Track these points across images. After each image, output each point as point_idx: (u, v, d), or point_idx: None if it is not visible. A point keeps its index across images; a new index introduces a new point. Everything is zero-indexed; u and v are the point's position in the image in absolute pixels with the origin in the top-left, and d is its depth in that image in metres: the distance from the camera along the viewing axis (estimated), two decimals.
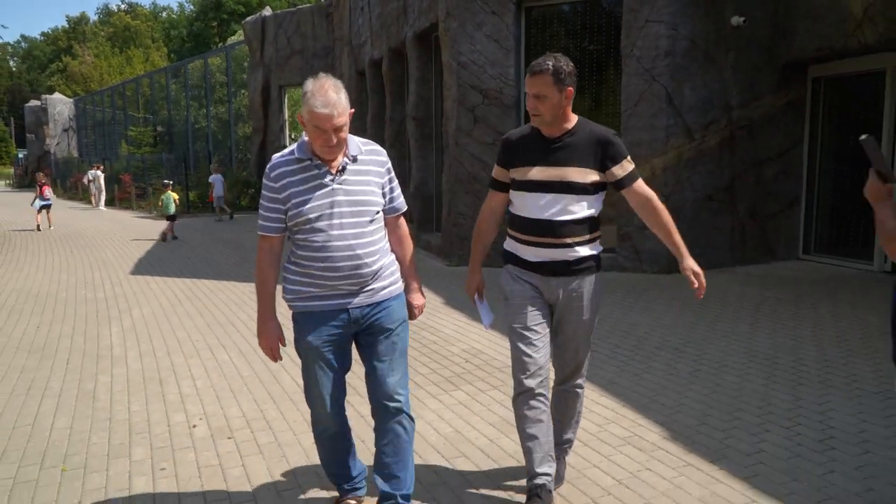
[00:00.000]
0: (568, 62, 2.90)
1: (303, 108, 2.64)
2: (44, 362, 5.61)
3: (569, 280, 2.99)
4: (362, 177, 2.77)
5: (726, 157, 8.56)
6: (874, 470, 3.36)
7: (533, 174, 2.94)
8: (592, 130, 2.97)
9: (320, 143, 2.62)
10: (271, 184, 2.73)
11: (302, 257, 2.73)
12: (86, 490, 3.39)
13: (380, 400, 2.85)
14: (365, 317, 2.80)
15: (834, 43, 7.90)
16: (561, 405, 3.23)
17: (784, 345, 5.49)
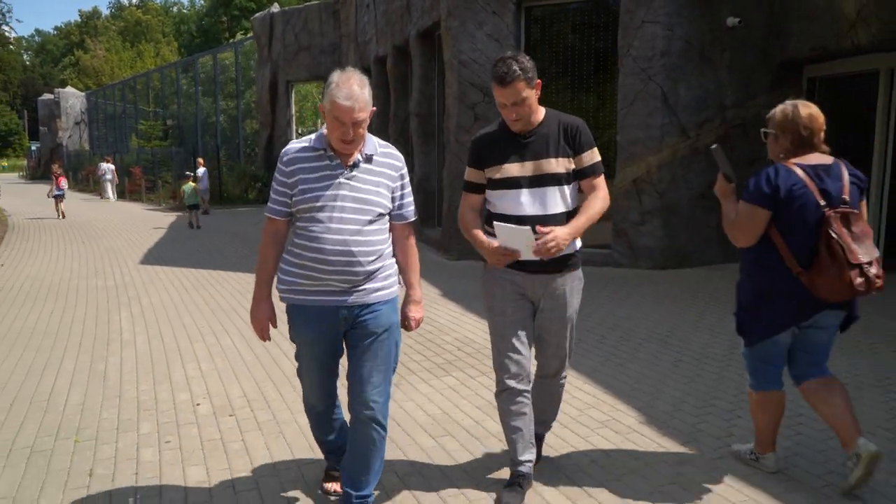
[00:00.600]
0: (525, 57, 2.89)
1: (325, 97, 2.65)
2: (57, 344, 5.88)
3: (553, 277, 3.01)
4: (373, 177, 2.77)
5: None
6: (834, 454, 3.57)
7: (510, 170, 2.94)
8: (561, 120, 3.00)
9: (338, 136, 2.63)
10: (283, 167, 2.76)
11: (298, 245, 2.75)
12: (97, 459, 3.64)
13: (354, 404, 2.84)
14: (355, 317, 2.79)
15: (827, 44, 8.08)
16: (544, 395, 3.32)
17: None
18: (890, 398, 4.34)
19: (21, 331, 6.35)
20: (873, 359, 5.13)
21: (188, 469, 3.51)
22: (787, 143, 3.16)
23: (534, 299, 3.07)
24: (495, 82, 2.88)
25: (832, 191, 2.98)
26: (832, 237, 2.90)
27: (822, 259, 2.92)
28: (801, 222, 2.97)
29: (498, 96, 2.90)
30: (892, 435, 3.79)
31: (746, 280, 3.24)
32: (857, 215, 2.97)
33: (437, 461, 3.56)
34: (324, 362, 2.88)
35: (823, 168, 3.04)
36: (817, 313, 3.05)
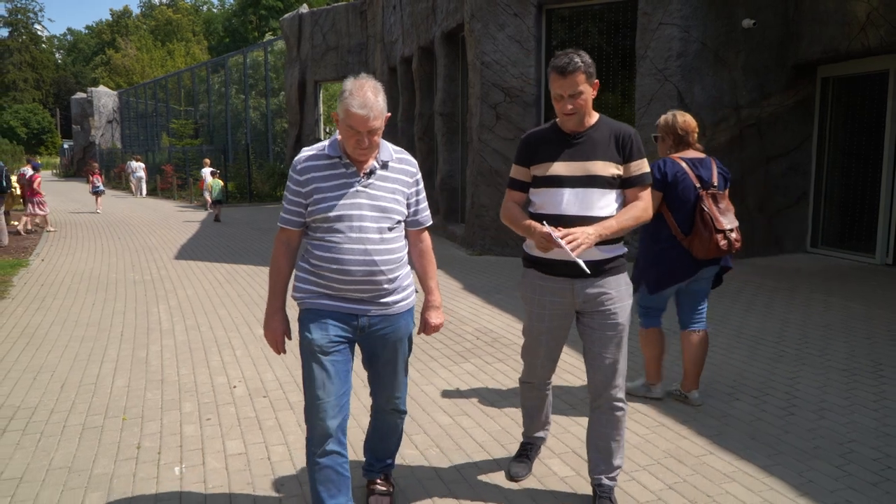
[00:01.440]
0: (586, 55, 2.89)
1: (339, 105, 2.60)
2: (101, 334, 6.29)
3: (594, 283, 2.91)
4: (389, 184, 2.72)
5: (735, 153, 8.95)
6: (826, 433, 3.83)
7: (556, 169, 2.90)
8: (613, 126, 2.96)
9: (352, 144, 2.59)
10: (296, 176, 2.69)
11: (316, 257, 2.67)
12: (144, 434, 4.01)
13: (381, 403, 2.97)
14: (372, 326, 2.75)
15: (839, 45, 8.25)
16: (604, 429, 3.02)
17: (771, 328, 5.94)
18: (881, 381, 4.56)
19: (65, 322, 6.77)
20: (870, 346, 5.35)
21: (227, 442, 3.86)
22: (671, 143, 4.15)
23: (577, 308, 2.98)
24: (555, 72, 2.84)
25: (705, 177, 3.99)
26: (704, 210, 3.92)
27: (697, 227, 3.94)
28: (683, 200, 3.97)
29: (555, 87, 2.85)
30: (877, 415, 4.03)
31: (646, 246, 4.14)
32: (723, 195, 4.03)
33: (453, 436, 3.88)
34: (339, 373, 2.70)
35: (698, 160, 4.06)
36: (699, 270, 4.06)
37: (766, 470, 3.42)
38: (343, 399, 2.69)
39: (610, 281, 2.92)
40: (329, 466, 2.66)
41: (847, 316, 6.27)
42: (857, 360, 5.04)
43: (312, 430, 2.68)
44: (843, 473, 3.37)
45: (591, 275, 2.87)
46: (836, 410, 4.14)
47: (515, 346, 5.64)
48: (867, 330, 5.83)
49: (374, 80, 2.60)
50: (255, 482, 3.40)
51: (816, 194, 9.48)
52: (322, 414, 2.65)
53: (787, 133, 9.23)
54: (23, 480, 3.45)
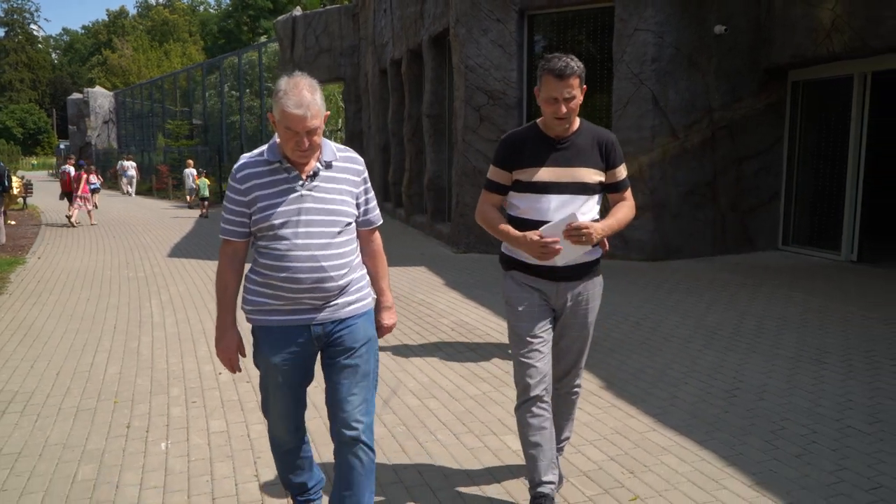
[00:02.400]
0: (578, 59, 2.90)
1: (274, 106, 2.49)
2: (95, 327, 6.59)
3: (576, 284, 2.99)
4: (335, 184, 2.60)
5: (708, 154, 9.29)
6: (763, 413, 4.15)
7: (543, 175, 2.88)
8: (594, 132, 2.99)
9: (292, 146, 2.47)
10: (237, 185, 2.56)
11: (264, 266, 2.56)
12: (133, 415, 4.32)
13: (336, 427, 2.63)
14: (328, 334, 2.62)
15: (806, 51, 8.59)
16: (559, 407, 3.25)
17: (730, 320, 6.27)
18: (822, 368, 4.89)
19: (61, 316, 7.07)
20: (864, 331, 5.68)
21: (211, 422, 4.18)
22: None
23: (556, 307, 3.03)
24: (551, 75, 2.81)
25: None
26: None
27: None
28: None
29: (550, 90, 2.82)
30: (812, 398, 4.36)
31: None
32: None
33: (420, 417, 4.20)
34: (294, 388, 2.67)
35: None
36: None
37: (701, 444, 3.75)
38: (301, 401, 2.75)
39: (589, 283, 3.03)
40: (289, 457, 2.85)
41: (804, 309, 6.61)
42: (805, 349, 5.37)
43: (273, 432, 2.82)
44: (772, 447, 3.69)
45: (574, 278, 2.97)
46: (775, 393, 4.47)
47: (489, 336, 5.96)
48: (821, 322, 6.16)
49: (310, 78, 2.48)
50: (234, 455, 3.72)
51: (787, 194, 9.82)
52: (282, 422, 2.75)
53: (759, 135, 9.57)
54: (21, 455, 3.76)
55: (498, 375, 4.93)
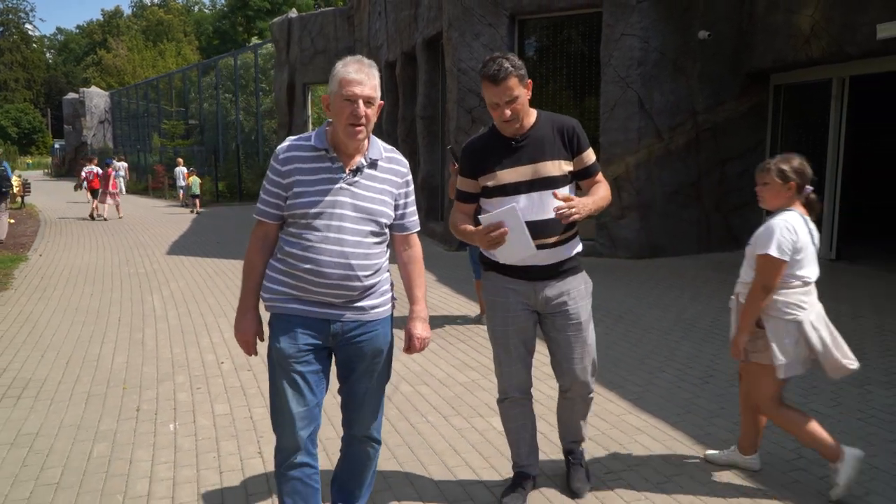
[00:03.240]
0: (515, 56, 2.83)
1: (332, 83, 2.43)
2: (100, 320, 6.85)
3: (556, 283, 2.92)
4: (377, 184, 2.54)
5: (692, 156, 9.59)
6: (733, 398, 4.44)
7: (505, 177, 2.84)
8: (555, 121, 2.90)
9: (348, 115, 2.38)
10: (278, 166, 2.50)
11: (289, 255, 2.49)
12: (142, 400, 4.59)
13: (351, 426, 2.70)
14: (346, 333, 2.54)
15: (787, 55, 8.91)
16: (570, 409, 3.19)
17: (708, 313, 6.57)
18: None
19: (66, 310, 7.32)
20: None
21: (216, 406, 4.45)
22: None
23: (538, 308, 2.98)
24: (487, 81, 2.78)
25: None
26: None
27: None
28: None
29: (490, 96, 2.80)
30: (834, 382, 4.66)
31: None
32: None
33: (413, 402, 4.48)
34: (310, 385, 2.54)
35: None
36: None
37: (674, 426, 4.04)
38: (315, 410, 2.55)
39: (569, 281, 2.94)
40: (297, 478, 2.56)
41: None
42: None
43: (281, 441, 2.57)
44: (738, 428, 3.95)
45: (553, 277, 2.91)
46: None
47: (479, 329, 6.24)
48: None
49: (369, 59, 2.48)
50: (238, 434, 3.99)
51: None
52: (290, 426, 2.52)
53: (742, 137, 9.88)
54: (38, 435, 4.03)
55: (486, 364, 5.21)
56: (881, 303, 6.86)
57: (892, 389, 4.53)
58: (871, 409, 4.21)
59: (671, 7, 9.27)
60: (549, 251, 2.85)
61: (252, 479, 3.45)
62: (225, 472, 3.54)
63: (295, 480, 2.56)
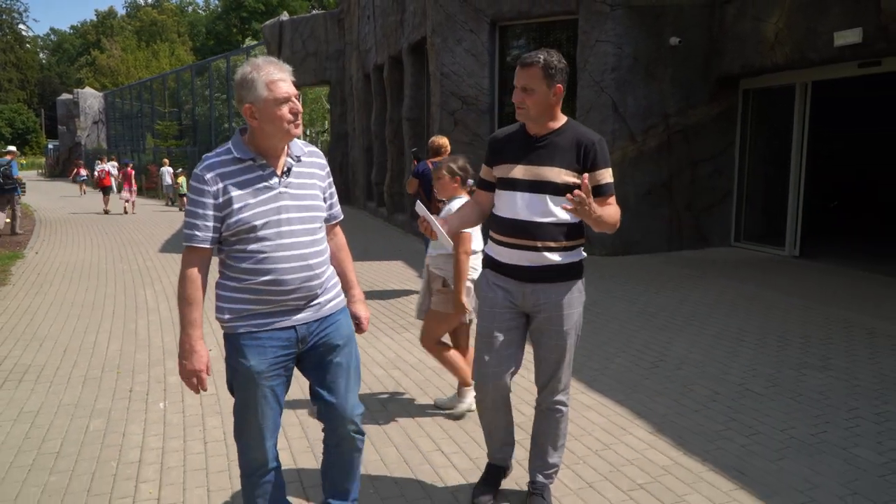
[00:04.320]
0: (561, 59, 2.81)
1: (248, 93, 2.37)
2: (95, 312, 7.21)
3: (544, 287, 2.89)
4: (307, 179, 2.55)
5: (664, 157, 10.00)
6: (679, 379, 4.84)
7: (514, 172, 2.86)
8: (578, 132, 2.88)
9: (288, 116, 2.38)
10: (205, 187, 2.39)
11: (241, 271, 2.45)
12: (135, 382, 4.97)
13: (336, 424, 2.69)
14: (312, 334, 2.57)
15: (754, 62, 9.32)
16: (543, 426, 3.13)
17: (669, 305, 6.97)
18: (740, 345, 5.59)
19: (62, 303, 7.68)
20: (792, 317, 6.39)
21: None
22: (431, 154, 7.18)
23: (526, 310, 2.96)
24: (518, 65, 2.83)
25: None
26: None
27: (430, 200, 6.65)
28: (429, 185, 6.53)
29: (515, 78, 2.84)
30: (723, 367, 5.06)
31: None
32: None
33: (384, 383, 4.87)
34: (277, 398, 2.56)
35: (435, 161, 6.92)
36: None
37: (619, 403, 4.43)
38: (279, 417, 2.60)
39: (562, 287, 2.90)
40: (268, 482, 2.63)
41: (737, 296, 7.32)
42: (728, 329, 6.08)
43: (248, 454, 2.59)
44: (677, 405, 4.38)
45: (546, 280, 2.89)
46: (692, 364, 5.17)
47: None
48: (748, 307, 6.87)
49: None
50: (222, 410, 4.38)
51: (738, 194, 10.55)
52: (259, 440, 2.55)
53: (712, 139, 10.29)
54: (39, 413, 4.40)
55: None
56: (833, 296, 7.27)
57: (826, 373, 4.93)
58: (803, 390, 4.61)
59: (644, 15, 9.68)
60: (533, 253, 2.84)
61: (233, 449, 3.81)
62: (209, 442, 3.92)
63: (266, 484, 2.63)
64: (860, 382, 4.72)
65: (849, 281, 8.07)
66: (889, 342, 5.64)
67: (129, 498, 3.31)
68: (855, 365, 5.09)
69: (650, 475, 3.47)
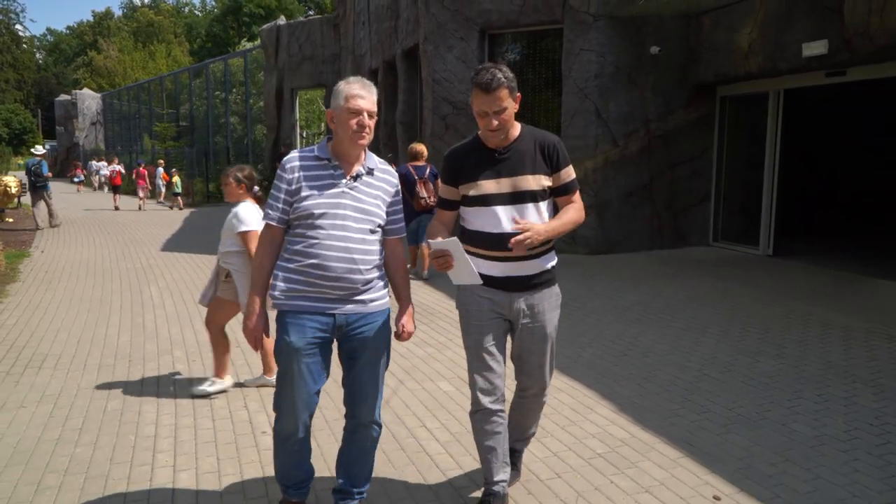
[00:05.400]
0: (506, 68, 2.86)
1: (334, 100, 2.76)
2: (103, 307, 7.65)
3: (531, 294, 2.99)
4: (373, 189, 2.84)
5: (645, 160, 10.47)
6: (644, 366, 5.30)
7: (485, 188, 2.90)
8: (537, 136, 2.96)
9: (354, 127, 2.72)
10: (285, 174, 2.79)
11: (296, 253, 2.77)
12: (146, 369, 5.41)
13: (356, 412, 2.95)
14: (350, 325, 2.81)
15: (728, 70, 9.81)
16: (525, 410, 3.30)
17: (643, 300, 7.44)
18: (704, 335, 6.05)
19: (72, 299, 8.11)
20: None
21: (208, 373, 5.27)
22: (409, 158, 8.49)
23: (510, 317, 3.04)
24: (478, 89, 2.82)
25: (418, 174, 8.38)
26: (416, 188, 8.28)
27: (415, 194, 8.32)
28: (409, 185, 8.18)
29: (479, 104, 2.84)
30: (686, 355, 5.52)
31: None
32: (424, 181, 8.37)
33: None
34: (314, 374, 2.83)
35: (419, 167, 8.45)
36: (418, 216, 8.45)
37: (588, 387, 4.89)
38: (314, 397, 2.87)
39: (543, 294, 3.03)
40: (297, 450, 2.96)
41: (709, 292, 7.79)
42: (695, 322, 6.54)
43: (284, 422, 2.88)
44: (640, 388, 4.84)
45: (527, 288, 2.99)
46: (658, 353, 5.63)
47: (441, 314, 7.08)
48: (716, 301, 7.33)
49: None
50: (228, 395, 4.82)
51: (716, 196, 11.03)
52: (292, 410, 2.84)
53: (691, 143, 10.77)
54: (60, 395, 4.84)
55: (441, 342, 6.06)
56: (798, 292, 7.74)
57: (778, 360, 5.40)
58: (755, 374, 5.08)
59: (625, 25, 10.15)
60: (525, 263, 2.94)
61: (239, 424, 4.29)
62: (217, 420, 4.37)
63: (295, 451, 2.95)
64: (808, 368, 5.19)
65: (815, 278, 8.55)
66: (841, 333, 6.11)
67: (148, 465, 3.75)
68: (806, 353, 5.56)
69: (609, 446, 3.93)
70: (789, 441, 3.95)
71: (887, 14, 7.27)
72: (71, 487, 3.51)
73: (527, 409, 3.29)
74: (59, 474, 3.65)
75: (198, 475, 3.64)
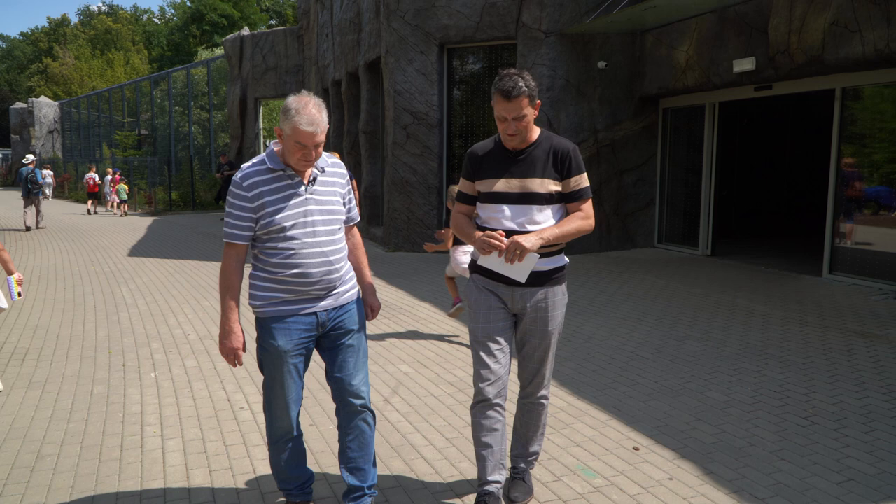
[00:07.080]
0: (530, 76, 2.96)
1: (283, 122, 2.72)
2: (78, 307, 7.99)
3: (534, 291, 3.04)
4: (329, 187, 2.93)
5: (594, 168, 11.14)
6: (583, 350, 5.88)
7: (497, 186, 3.01)
8: (553, 142, 3.05)
9: (299, 157, 2.75)
10: (243, 192, 2.78)
11: (272, 265, 2.83)
12: (126, 359, 5.81)
13: (346, 399, 3.01)
14: (330, 319, 2.93)
15: (669, 84, 10.54)
16: (525, 417, 3.31)
17: (588, 296, 8.05)
18: (644, 325, 6.67)
19: (45, 299, 8.43)
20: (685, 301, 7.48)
21: (186, 361, 5.70)
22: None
23: (515, 311, 3.10)
24: (499, 95, 2.91)
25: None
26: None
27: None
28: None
29: (499, 110, 2.93)
30: (633, 345, 6.12)
31: None
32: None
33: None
34: (300, 374, 2.95)
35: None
36: None
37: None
38: (301, 392, 2.99)
39: (549, 291, 3.07)
40: (291, 448, 3.05)
41: (648, 288, 8.45)
42: (633, 313, 7.17)
43: (278, 423, 2.99)
44: (581, 367, 5.41)
45: (533, 284, 3.02)
46: (598, 339, 6.22)
47: (405, 311, 7.59)
48: (655, 296, 7.99)
49: (316, 97, 2.75)
50: (205, 378, 5.27)
51: (661, 200, 11.76)
52: (285, 411, 2.96)
53: (636, 151, 11.49)
54: (47, 382, 5.23)
55: (403, 336, 6.56)
56: (729, 287, 8.44)
57: (703, 342, 6.04)
58: (681, 355, 5.70)
59: (574, 41, 10.82)
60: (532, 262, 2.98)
61: (218, 402, 4.75)
62: (198, 399, 4.82)
63: (290, 450, 3.05)
64: (727, 349, 5.84)
65: (746, 275, 9.28)
66: (761, 320, 6.79)
67: (138, 436, 4.19)
68: (728, 337, 6.21)
69: (549, 413, 4.47)
70: (703, 406, 4.56)
71: (804, 34, 8.03)
72: (69, 454, 3.94)
73: (527, 416, 3.31)
74: (56, 445, 4.07)
75: (184, 442, 4.09)
